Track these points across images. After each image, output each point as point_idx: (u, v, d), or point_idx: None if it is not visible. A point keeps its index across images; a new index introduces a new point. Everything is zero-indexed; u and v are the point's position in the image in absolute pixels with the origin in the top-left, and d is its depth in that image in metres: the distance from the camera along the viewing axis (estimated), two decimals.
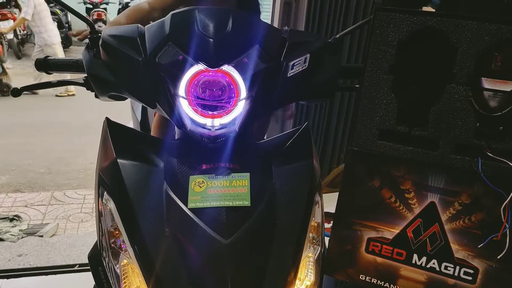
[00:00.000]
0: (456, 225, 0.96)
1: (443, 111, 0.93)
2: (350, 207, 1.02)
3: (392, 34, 0.94)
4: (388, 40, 0.94)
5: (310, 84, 0.98)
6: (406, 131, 0.96)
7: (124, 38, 0.91)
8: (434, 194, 0.95)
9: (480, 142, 0.92)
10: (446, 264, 0.98)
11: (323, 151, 2.50)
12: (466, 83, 0.91)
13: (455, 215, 0.95)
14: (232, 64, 0.84)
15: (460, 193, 0.94)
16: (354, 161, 1.01)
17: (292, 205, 0.91)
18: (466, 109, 0.92)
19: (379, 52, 0.95)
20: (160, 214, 0.84)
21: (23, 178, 3.73)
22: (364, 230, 1.00)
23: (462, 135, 0.93)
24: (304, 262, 0.90)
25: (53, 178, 3.78)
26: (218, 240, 0.81)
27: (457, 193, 0.94)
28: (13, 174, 3.80)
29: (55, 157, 4.19)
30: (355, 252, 1.02)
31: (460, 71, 0.91)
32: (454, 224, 0.96)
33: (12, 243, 2.52)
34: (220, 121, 0.88)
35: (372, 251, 1.00)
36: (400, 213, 0.98)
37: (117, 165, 0.88)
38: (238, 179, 0.89)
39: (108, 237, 0.88)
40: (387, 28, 0.94)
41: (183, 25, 0.86)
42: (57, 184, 3.66)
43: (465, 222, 0.95)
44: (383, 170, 0.98)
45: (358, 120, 0.99)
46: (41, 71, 1.14)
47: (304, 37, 0.98)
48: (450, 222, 0.96)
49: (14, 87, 1.04)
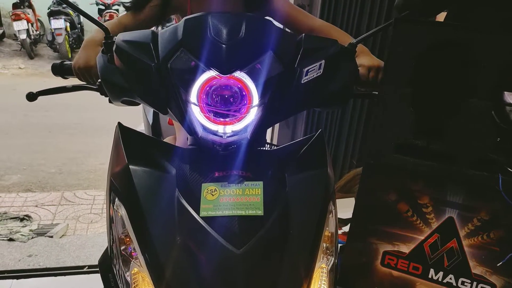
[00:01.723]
0: (474, 241, 0.94)
1: (463, 125, 0.91)
2: (366, 220, 1.01)
3: (412, 45, 0.92)
4: (408, 52, 0.92)
5: (324, 91, 0.97)
6: (424, 144, 0.95)
7: (138, 44, 0.90)
8: (452, 209, 0.94)
9: (500, 157, 0.90)
10: (463, 279, 0.96)
11: (335, 157, 2.48)
12: (487, 98, 0.89)
13: (473, 231, 0.93)
14: (244, 70, 0.83)
15: (479, 209, 0.92)
16: (370, 174, 0.99)
17: (306, 215, 0.89)
18: (487, 124, 0.90)
19: (398, 64, 0.93)
20: (171, 222, 0.83)
21: (34, 178, 3.75)
22: (380, 243, 0.99)
23: (482, 150, 0.91)
24: (318, 273, 0.89)
25: (64, 178, 3.80)
26: (230, 250, 0.80)
27: (476, 209, 0.92)
28: (24, 173, 3.82)
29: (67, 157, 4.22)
30: (370, 265, 1.00)
31: (482, 85, 0.89)
32: (473, 240, 0.94)
33: (23, 243, 2.54)
34: (232, 128, 0.87)
35: (387, 265, 0.99)
36: (417, 227, 0.96)
37: (129, 171, 0.87)
38: (251, 187, 0.87)
39: (118, 244, 0.87)
40: (408, 40, 0.92)
41: (195, 31, 0.85)
42: (68, 184, 3.68)
43: (484, 239, 0.93)
44: (400, 183, 0.97)
45: (375, 132, 0.97)
46: (58, 75, 1.15)
47: (319, 43, 0.96)
48: (468, 238, 0.94)
49: (29, 91, 1.04)
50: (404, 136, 0.95)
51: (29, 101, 1.04)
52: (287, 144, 1.03)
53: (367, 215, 1.00)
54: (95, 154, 4.29)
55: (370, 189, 0.99)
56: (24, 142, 4.57)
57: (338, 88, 0.98)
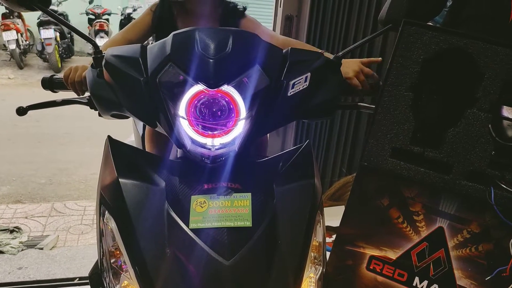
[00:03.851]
0: (462, 252, 0.94)
1: (461, 135, 0.91)
2: (355, 223, 1.01)
3: (418, 51, 0.92)
4: (413, 57, 0.92)
5: (310, 103, 0.99)
6: (420, 151, 0.94)
7: (127, 58, 0.92)
8: (443, 219, 0.94)
9: (494, 171, 0.90)
10: None
11: (325, 165, 2.50)
12: (488, 110, 0.89)
13: (462, 242, 0.94)
14: (232, 84, 0.85)
15: (470, 221, 0.92)
16: (363, 177, 0.99)
17: (294, 225, 0.91)
18: (484, 136, 0.90)
19: (402, 68, 0.93)
20: (161, 235, 0.84)
21: (24, 189, 3.72)
22: (367, 247, 1.00)
23: (477, 162, 0.91)
24: (306, 283, 0.90)
25: (54, 189, 3.77)
26: (219, 262, 0.81)
27: (467, 221, 0.93)
28: (14, 184, 3.79)
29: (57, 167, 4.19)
30: (355, 268, 1.01)
31: (484, 96, 0.89)
32: (461, 251, 0.94)
33: (12, 255, 2.51)
34: (220, 140, 0.88)
35: (373, 269, 1.00)
36: (406, 234, 0.97)
37: (119, 185, 0.88)
38: (240, 199, 0.89)
39: (109, 257, 0.88)
40: (414, 44, 0.92)
41: (183, 46, 0.87)
42: (58, 195, 3.66)
43: (472, 251, 0.94)
44: (394, 189, 0.97)
45: (371, 135, 0.97)
46: (47, 89, 1.15)
47: (305, 56, 0.99)
48: (456, 249, 0.95)
49: (19, 106, 1.05)
50: (400, 141, 0.95)
51: (19, 116, 1.05)
52: (275, 156, 1.05)
53: (357, 217, 1.01)
54: (85, 164, 4.27)
55: (362, 192, 1.00)
56: (13, 152, 4.53)
57: (324, 100, 1.00)
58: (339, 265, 1.02)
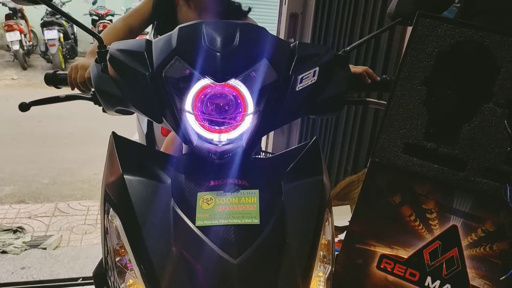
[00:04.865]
0: (476, 252, 0.92)
1: (476, 131, 0.88)
2: (365, 220, 0.99)
3: (432, 43, 0.89)
4: (427, 50, 0.90)
5: (319, 98, 0.97)
6: (434, 147, 0.92)
7: (131, 52, 0.90)
8: (457, 217, 0.92)
9: (510, 168, 0.87)
10: None
11: (330, 164, 2.48)
12: (504, 105, 0.86)
13: (476, 241, 0.91)
14: (239, 78, 0.83)
15: (485, 220, 0.90)
16: (375, 173, 0.97)
17: (302, 223, 0.89)
18: (501, 132, 0.87)
19: (416, 61, 0.91)
20: (167, 232, 0.82)
21: (27, 189, 3.72)
22: (378, 245, 0.97)
23: (492, 158, 0.88)
24: (315, 282, 0.88)
25: (57, 189, 3.77)
26: (226, 260, 0.79)
27: (482, 219, 0.90)
28: (17, 184, 3.78)
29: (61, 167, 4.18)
30: (366, 267, 0.99)
31: (500, 91, 0.86)
32: (474, 251, 0.92)
33: (15, 255, 2.50)
34: (227, 136, 0.86)
35: (384, 268, 0.97)
36: (418, 233, 0.95)
37: (124, 181, 0.86)
38: (247, 196, 0.87)
39: (113, 255, 0.86)
40: (428, 37, 0.89)
41: (190, 39, 0.85)
42: (62, 195, 3.65)
43: (486, 250, 0.91)
44: (406, 186, 0.94)
45: (383, 130, 0.94)
46: (50, 85, 1.14)
47: (313, 50, 0.96)
48: (470, 248, 0.92)
49: (22, 102, 1.03)
50: (413, 136, 0.92)
51: (22, 112, 1.03)
52: (282, 152, 1.03)
53: (368, 215, 0.98)
54: (89, 163, 4.26)
55: (373, 189, 0.97)
56: (17, 152, 4.53)
57: (332, 95, 0.98)
58: (349, 264, 1.00)
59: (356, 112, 2.29)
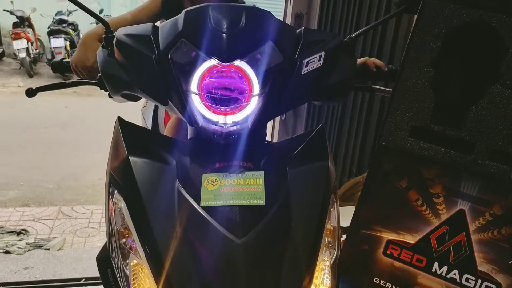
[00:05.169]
0: (484, 236, 0.90)
1: (483, 113, 0.86)
2: (371, 205, 0.97)
3: (439, 25, 0.87)
4: (434, 31, 0.88)
5: (324, 83, 0.96)
6: (441, 130, 0.90)
7: (138, 36, 0.90)
8: (464, 201, 0.89)
9: None
10: (467, 276, 0.92)
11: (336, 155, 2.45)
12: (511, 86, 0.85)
13: (484, 225, 0.89)
14: (245, 59, 0.83)
15: (493, 203, 0.87)
16: (381, 157, 0.95)
17: (307, 207, 0.88)
18: (509, 113, 0.85)
19: (423, 43, 0.89)
20: (171, 213, 0.82)
21: (31, 193, 3.72)
22: (384, 231, 0.95)
23: (500, 140, 0.86)
24: (320, 266, 0.87)
25: (62, 194, 3.77)
26: (231, 240, 0.78)
27: (490, 203, 0.88)
28: (22, 189, 3.79)
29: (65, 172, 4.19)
30: (372, 253, 0.97)
31: (508, 72, 0.84)
32: (482, 235, 0.90)
33: (19, 255, 2.50)
34: (233, 118, 0.86)
35: (390, 254, 0.95)
36: (425, 217, 0.93)
37: (129, 163, 0.86)
38: (252, 177, 0.86)
39: (118, 237, 0.85)
40: (435, 18, 0.88)
41: (196, 22, 0.85)
42: (66, 200, 3.65)
43: (494, 235, 0.89)
44: (413, 170, 0.92)
45: (390, 113, 0.93)
46: (57, 73, 1.15)
47: (319, 36, 0.97)
48: (477, 233, 0.90)
49: (29, 87, 1.03)
50: (420, 119, 0.91)
51: (28, 97, 1.03)
52: (288, 139, 1.03)
53: (374, 200, 0.96)
54: (93, 169, 4.26)
55: (380, 173, 0.95)
56: (22, 158, 4.54)
57: (338, 80, 0.97)
58: (355, 250, 0.98)
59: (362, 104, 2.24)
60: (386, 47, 1.92)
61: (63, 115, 6.36)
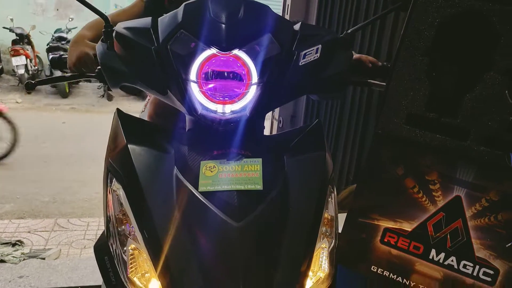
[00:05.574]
0: (480, 222, 0.90)
1: (478, 100, 0.87)
2: (369, 194, 0.98)
3: (433, 14, 0.89)
4: (428, 20, 0.90)
5: (321, 76, 0.98)
6: (436, 117, 0.91)
7: (138, 29, 0.92)
8: (461, 188, 0.90)
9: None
10: (465, 262, 0.92)
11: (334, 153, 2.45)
12: (505, 73, 0.86)
13: (480, 211, 0.89)
14: (243, 49, 0.84)
15: (489, 189, 0.88)
16: (378, 146, 0.96)
17: (305, 194, 0.89)
18: (503, 100, 0.86)
19: (417, 32, 0.91)
20: (170, 198, 0.83)
21: (27, 207, 3.69)
22: (381, 219, 0.96)
23: (494, 126, 0.87)
24: (318, 253, 0.87)
25: (57, 207, 3.74)
26: (229, 223, 0.79)
27: (486, 188, 0.88)
28: (18, 202, 3.76)
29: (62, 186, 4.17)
30: (369, 242, 0.97)
31: (501, 59, 0.86)
32: (479, 221, 0.90)
33: (14, 264, 2.47)
34: (231, 107, 0.87)
35: (387, 242, 0.95)
36: (422, 205, 0.93)
37: (128, 151, 0.86)
38: (250, 164, 0.87)
39: (116, 223, 0.86)
40: (429, 8, 0.89)
41: (195, 14, 0.87)
42: (61, 213, 3.62)
43: (491, 220, 0.89)
44: (409, 157, 0.93)
45: (386, 102, 0.94)
46: (57, 69, 1.16)
47: (316, 30, 0.99)
48: (474, 219, 0.90)
49: (28, 81, 1.04)
50: (416, 107, 0.92)
51: (28, 90, 1.04)
52: (285, 131, 1.04)
53: (371, 188, 0.97)
54: (90, 183, 4.24)
55: (377, 161, 0.96)
56: (19, 172, 4.53)
57: (335, 72, 0.99)
58: (352, 239, 0.98)
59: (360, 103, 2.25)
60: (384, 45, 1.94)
61: (61, 130, 6.36)
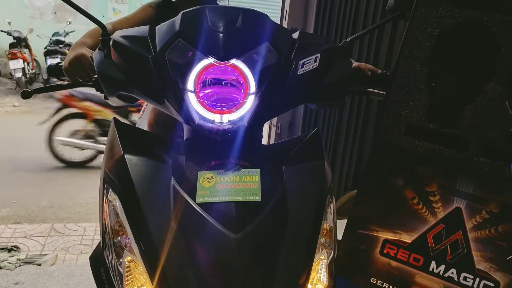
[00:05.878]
0: (481, 234, 0.89)
1: (478, 111, 0.87)
2: (368, 205, 0.97)
3: (433, 24, 0.89)
4: (428, 30, 0.90)
5: (320, 85, 0.97)
6: (436, 128, 0.91)
7: (135, 38, 0.91)
8: (461, 199, 0.90)
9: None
10: (465, 274, 0.91)
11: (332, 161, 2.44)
12: (506, 84, 0.86)
13: (481, 223, 0.89)
14: (241, 58, 0.84)
15: (489, 201, 0.88)
16: (377, 156, 0.95)
17: (304, 205, 0.88)
18: (503, 111, 0.86)
19: (417, 42, 0.91)
20: (167, 209, 0.81)
21: (24, 211, 3.67)
22: (381, 230, 0.95)
23: (495, 137, 0.87)
24: (317, 264, 0.86)
25: (54, 212, 3.72)
26: (226, 235, 0.78)
27: (486, 200, 0.88)
28: (14, 207, 3.74)
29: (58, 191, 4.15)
30: (369, 253, 0.96)
31: (502, 70, 0.86)
32: (479, 233, 0.89)
33: (9, 271, 2.45)
34: (229, 117, 0.86)
35: (387, 254, 0.95)
36: (422, 216, 0.92)
37: (124, 161, 0.85)
38: (248, 174, 0.86)
39: (112, 234, 0.84)
40: (429, 18, 0.89)
41: (193, 22, 0.86)
42: (58, 218, 3.60)
43: (491, 232, 0.89)
44: (408, 168, 0.93)
45: (386, 112, 0.93)
46: (53, 77, 1.15)
47: (314, 39, 0.98)
48: (474, 231, 0.90)
49: (24, 89, 1.04)
50: (415, 117, 0.91)
51: (24, 99, 1.03)
52: (283, 141, 1.03)
53: (370, 199, 0.96)
54: (87, 188, 4.22)
55: (375, 172, 0.96)
56: (15, 177, 4.50)
57: (334, 82, 0.98)
58: (351, 250, 0.98)
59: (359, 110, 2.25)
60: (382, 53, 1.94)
61: None
